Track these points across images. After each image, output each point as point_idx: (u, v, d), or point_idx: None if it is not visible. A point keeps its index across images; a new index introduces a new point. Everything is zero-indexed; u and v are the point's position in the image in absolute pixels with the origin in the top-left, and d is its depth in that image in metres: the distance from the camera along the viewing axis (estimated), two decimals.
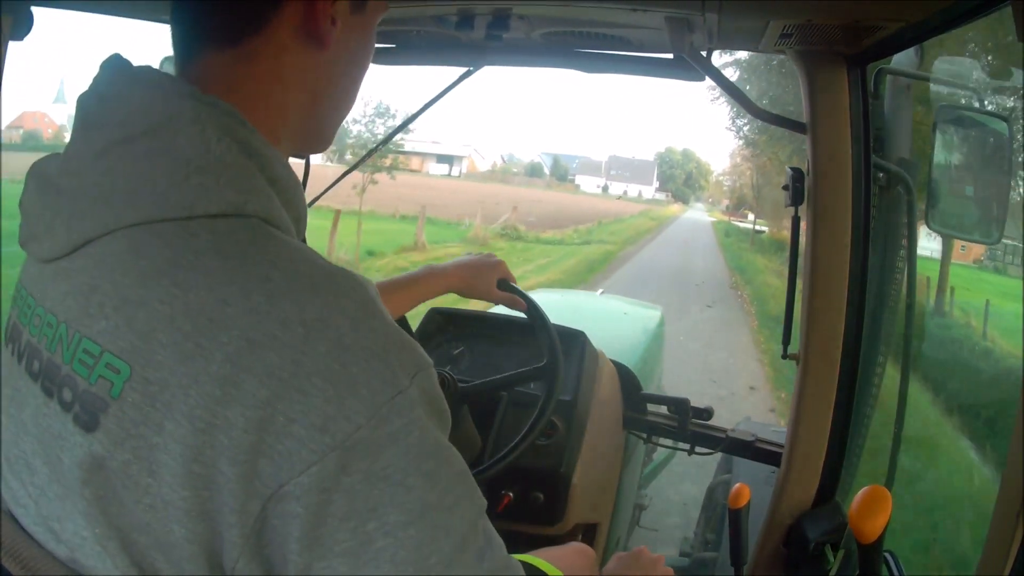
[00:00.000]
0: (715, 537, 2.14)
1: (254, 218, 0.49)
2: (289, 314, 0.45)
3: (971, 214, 1.25)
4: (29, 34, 1.03)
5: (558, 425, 1.43)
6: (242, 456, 0.43)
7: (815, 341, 1.20)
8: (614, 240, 23.04)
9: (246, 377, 0.43)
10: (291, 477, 0.43)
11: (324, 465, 0.43)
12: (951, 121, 1.21)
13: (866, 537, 0.85)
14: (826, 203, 1.16)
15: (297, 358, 0.44)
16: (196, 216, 0.48)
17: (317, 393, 0.43)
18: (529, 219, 24.79)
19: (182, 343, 0.44)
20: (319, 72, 0.57)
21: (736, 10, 0.96)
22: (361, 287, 0.49)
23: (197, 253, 0.47)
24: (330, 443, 0.43)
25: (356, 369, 0.44)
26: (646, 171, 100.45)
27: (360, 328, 0.46)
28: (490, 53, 1.34)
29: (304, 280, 0.47)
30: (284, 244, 0.49)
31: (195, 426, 0.43)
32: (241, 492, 0.43)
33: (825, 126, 1.14)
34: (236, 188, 0.49)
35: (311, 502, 0.43)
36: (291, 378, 0.43)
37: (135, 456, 0.45)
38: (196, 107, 0.50)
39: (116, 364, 0.45)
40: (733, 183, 68.25)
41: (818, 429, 1.22)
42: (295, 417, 0.43)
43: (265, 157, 0.52)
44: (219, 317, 0.44)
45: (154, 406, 0.44)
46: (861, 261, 1.17)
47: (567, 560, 0.95)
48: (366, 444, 0.43)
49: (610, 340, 1.93)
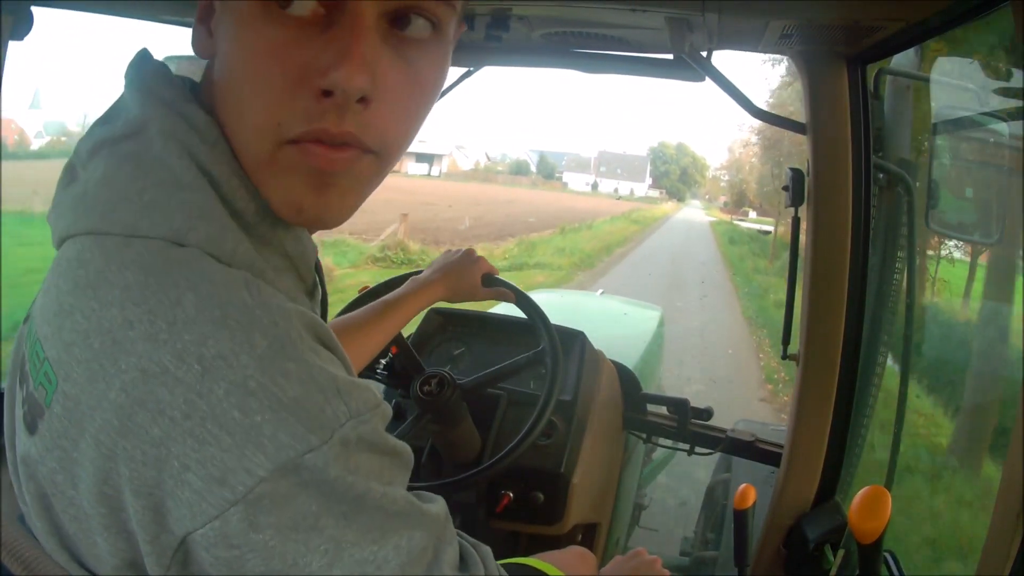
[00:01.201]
0: (715, 537, 2.14)
1: (193, 248, 0.44)
2: (188, 347, 0.40)
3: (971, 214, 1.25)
4: (29, 34, 1.03)
5: (558, 425, 1.43)
6: (145, 489, 0.40)
7: (815, 341, 1.20)
8: (565, 260, 15.23)
9: (139, 411, 0.40)
10: (195, 527, 0.40)
11: (226, 520, 0.39)
12: (951, 121, 1.21)
13: (866, 537, 0.85)
14: (826, 203, 1.16)
15: (191, 399, 0.39)
16: (137, 235, 0.44)
17: (213, 441, 0.39)
18: (461, 228, 19.25)
19: (91, 362, 0.42)
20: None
21: (736, 10, 0.96)
22: (284, 322, 0.42)
23: (122, 266, 0.43)
24: (230, 497, 0.39)
25: (260, 419, 0.39)
26: (638, 167, 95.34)
27: (270, 371, 0.40)
28: (490, 53, 1.34)
29: (214, 310, 0.41)
30: (212, 270, 0.44)
31: (100, 451, 0.41)
32: (151, 524, 0.41)
33: (825, 126, 1.14)
34: (186, 213, 0.45)
35: (221, 556, 0.40)
36: (184, 420, 0.39)
37: (60, 466, 0.44)
38: (166, 116, 0.48)
39: (49, 373, 0.44)
40: (732, 178, 65.14)
41: (818, 429, 1.22)
42: (189, 464, 0.39)
43: (230, 186, 0.48)
44: (122, 339, 0.41)
45: (71, 421, 0.43)
46: (861, 261, 1.17)
47: (568, 564, 0.94)
48: (271, 497, 0.39)
49: (610, 340, 1.93)
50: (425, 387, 1.27)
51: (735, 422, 2.03)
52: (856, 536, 0.86)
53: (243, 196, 0.48)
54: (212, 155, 0.47)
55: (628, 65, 1.28)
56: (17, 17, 1.01)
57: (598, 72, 1.33)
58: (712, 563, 2.01)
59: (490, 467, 1.25)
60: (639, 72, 1.28)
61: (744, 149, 61.05)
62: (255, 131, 0.47)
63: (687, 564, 2.20)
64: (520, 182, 75.13)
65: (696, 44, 1.10)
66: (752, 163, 64.82)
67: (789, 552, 1.26)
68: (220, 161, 0.48)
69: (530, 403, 1.32)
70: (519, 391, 1.49)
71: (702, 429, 1.60)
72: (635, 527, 2.29)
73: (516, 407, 1.45)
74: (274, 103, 0.46)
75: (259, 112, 0.46)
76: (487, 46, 1.28)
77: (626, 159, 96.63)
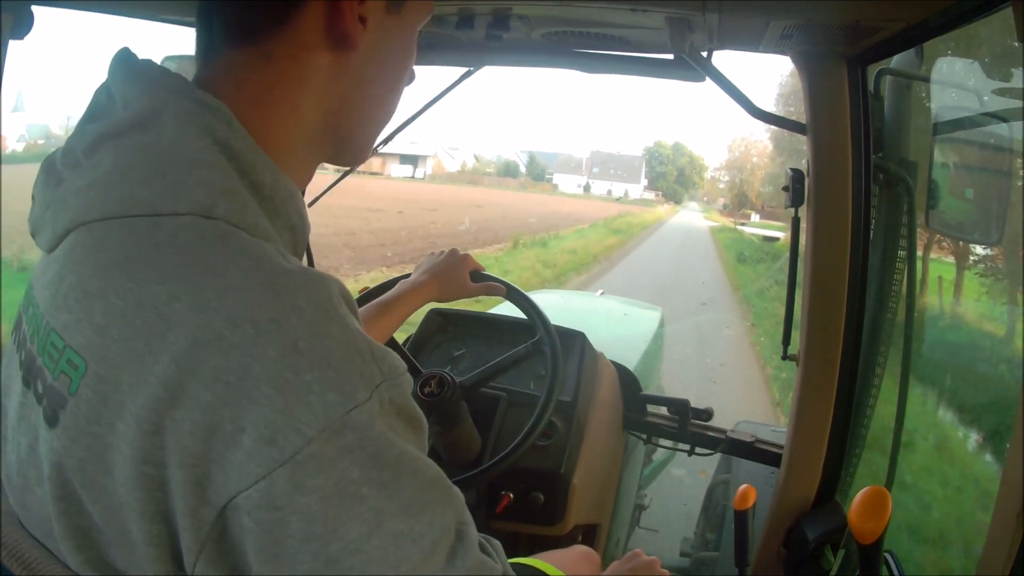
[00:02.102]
0: (715, 537, 2.14)
1: (221, 221, 0.46)
2: (240, 313, 0.42)
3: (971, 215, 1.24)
4: (29, 33, 1.03)
5: (558, 426, 1.43)
6: (190, 460, 0.41)
7: (815, 341, 1.20)
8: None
9: (191, 379, 0.41)
10: (240, 490, 0.40)
11: (273, 481, 0.40)
12: (951, 122, 1.21)
13: (866, 537, 0.85)
14: (826, 203, 1.16)
15: (246, 361, 0.41)
16: (162, 214, 0.46)
17: (266, 402, 0.40)
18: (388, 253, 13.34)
19: (132, 340, 0.42)
20: (348, 75, 0.54)
21: (736, 10, 0.96)
22: (324, 287, 0.45)
23: (156, 246, 0.45)
24: (278, 457, 0.40)
25: (309, 377, 0.41)
26: (633, 168, 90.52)
27: (317, 333, 0.43)
28: (490, 53, 1.34)
29: (260, 277, 0.44)
30: (248, 242, 0.46)
31: (143, 428, 0.41)
32: (192, 497, 0.41)
33: (825, 126, 1.14)
34: (207, 189, 0.47)
35: (263, 518, 0.40)
36: (238, 382, 0.41)
37: (91, 454, 0.44)
38: (180, 102, 0.49)
39: (75, 360, 0.44)
40: (732, 178, 63.13)
41: (818, 429, 1.22)
42: (243, 425, 0.40)
43: (248, 161, 0.49)
44: (168, 313, 0.42)
45: (106, 405, 0.43)
46: (861, 261, 1.17)
47: (572, 564, 0.94)
48: (318, 459, 0.40)
49: (610, 341, 1.93)
50: (425, 388, 1.27)
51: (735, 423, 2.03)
52: (856, 536, 0.86)
53: (261, 169, 0.50)
54: (230, 132, 0.49)
55: (628, 65, 1.28)
56: (17, 16, 1.01)
57: (598, 72, 1.33)
58: (712, 563, 2.01)
59: (490, 468, 1.25)
60: (639, 72, 1.28)
61: (744, 148, 58.86)
62: (381, 124, 0.59)
63: (687, 565, 2.20)
64: (508, 184, 73.29)
65: (696, 44, 1.10)
66: (754, 162, 62.66)
67: (789, 552, 1.26)
68: (237, 137, 0.49)
69: (530, 404, 1.32)
70: (519, 391, 1.49)
71: (702, 430, 1.60)
72: (635, 528, 2.29)
73: (516, 408, 1.45)
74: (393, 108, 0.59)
75: (391, 112, 0.59)
76: (487, 46, 1.28)
77: (620, 159, 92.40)
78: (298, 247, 0.54)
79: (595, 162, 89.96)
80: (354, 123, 0.57)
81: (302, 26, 0.51)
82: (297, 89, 0.53)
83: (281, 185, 0.51)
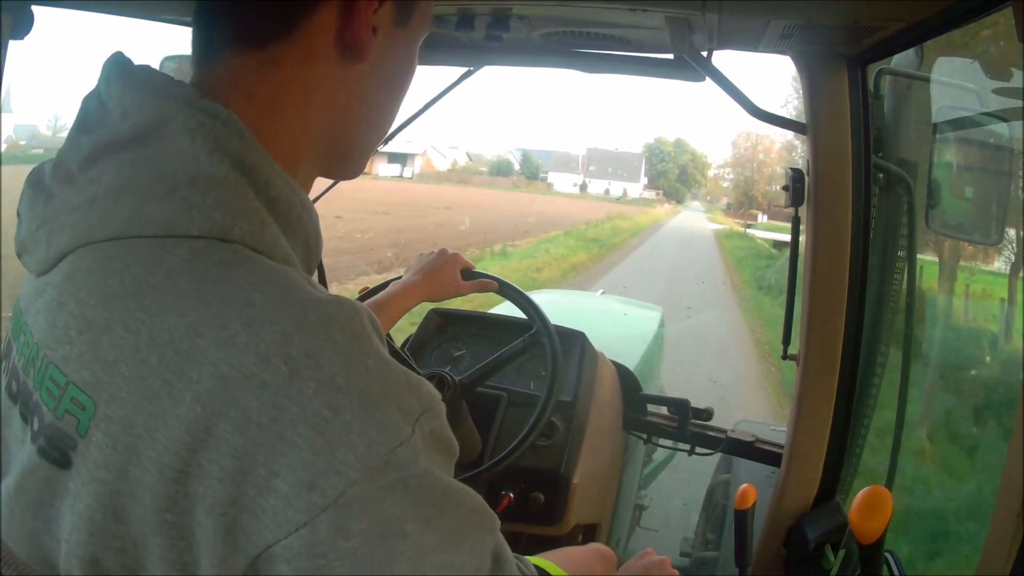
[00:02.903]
0: (715, 537, 2.14)
1: (237, 244, 0.43)
2: (271, 348, 0.39)
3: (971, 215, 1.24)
4: (29, 33, 1.03)
5: (558, 425, 1.43)
6: (219, 508, 0.38)
7: (815, 341, 1.20)
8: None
9: (219, 421, 0.38)
10: (278, 539, 0.38)
11: (315, 527, 0.38)
12: (951, 122, 1.21)
13: (866, 537, 0.84)
14: (826, 203, 1.16)
15: (280, 401, 0.38)
16: (175, 235, 0.42)
17: (303, 444, 0.38)
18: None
19: (148, 378, 0.39)
20: (354, 86, 0.52)
21: (736, 10, 0.96)
22: (357, 316, 0.42)
23: (170, 274, 0.41)
24: (320, 503, 0.37)
25: (350, 416, 0.39)
26: (632, 166, 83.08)
27: (355, 367, 0.40)
28: (490, 53, 1.34)
29: (289, 307, 0.40)
30: (270, 268, 0.43)
31: (165, 474, 0.38)
32: (221, 546, 0.39)
33: (825, 126, 1.14)
34: (224, 209, 0.43)
35: (304, 566, 0.38)
36: (272, 424, 0.38)
37: (97, 502, 0.40)
38: (188, 113, 0.45)
39: (81, 399, 0.41)
40: (737, 176, 60.20)
41: (818, 429, 1.22)
42: (278, 470, 0.38)
43: (262, 175, 0.46)
44: (189, 350, 0.39)
45: (115, 448, 0.40)
46: (861, 261, 1.17)
47: (584, 563, 0.92)
48: (362, 501, 0.38)
49: (610, 341, 1.93)
50: None
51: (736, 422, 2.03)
52: (857, 536, 0.86)
53: (276, 183, 0.47)
54: (243, 145, 0.46)
55: (628, 65, 1.28)
56: (17, 16, 1.01)
57: (598, 72, 1.33)
58: (713, 563, 2.01)
59: (490, 467, 1.25)
60: (639, 72, 1.28)
61: (751, 143, 55.91)
62: (380, 136, 0.58)
63: (688, 564, 2.20)
64: (499, 184, 66.87)
65: (696, 44, 1.10)
66: (760, 159, 60.79)
67: (789, 552, 1.26)
68: (252, 150, 0.46)
69: (530, 404, 1.32)
70: (519, 391, 1.49)
71: (702, 429, 1.60)
72: (635, 527, 2.29)
73: (516, 408, 1.45)
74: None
75: (390, 123, 0.58)
76: (487, 46, 1.28)
77: (618, 157, 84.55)
78: (311, 264, 0.52)
79: (592, 160, 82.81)
80: (356, 136, 0.55)
81: (313, 32, 0.49)
82: (305, 99, 0.50)
83: (297, 199, 0.49)
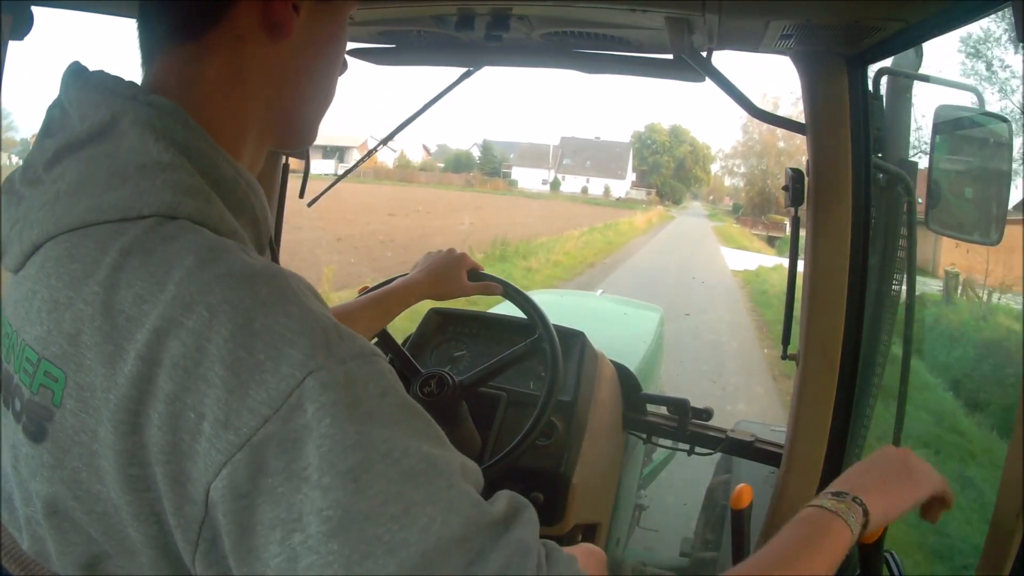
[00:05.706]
0: (715, 537, 2.14)
1: (184, 220, 0.47)
2: (194, 296, 0.41)
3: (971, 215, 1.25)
4: (29, 33, 1.03)
5: (558, 425, 1.43)
6: (163, 456, 0.40)
7: (815, 341, 1.20)
8: None
9: (155, 371, 0.40)
10: (209, 481, 0.39)
11: (235, 467, 0.38)
12: (950, 121, 1.21)
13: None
14: (826, 203, 1.16)
15: (201, 344, 0.40)
16: (129, 218, 0.46)
17: (220, 384, 0.39)
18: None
19: (104, 344, 0.42)
20: (286, 63, 0.56)
21: (736, 10, 0.96)
22: (285, 277, 0.44)
23: (123, 251, 0.45)
24: (235, 441, 0.38)
25: (263, 356, 0.40)
26: (617, 158, 67.81)
27: (274, 312, 0.41)
28: (490, 53, 1.34)
29: (219, 265, 0.43)
30: (210, 238, 0.46)
31: (119, 430, 0.41)
32: (174, 495, 0.40)
33: (825, 126, 1.14)
34: (172, 189, 0.47)
35: (231, 509, 0.38)
36: (196, 368, 0.40)
37: (83, 463, 0.43)
38: (137, 108, 0.50)
39: (53, 371, 0.44)
40: (751, 169, 45.83)
41: (818, 429, 1.22)
42: (204, 412, 0.39)
43: (208, 158, 0.50)
44: (136, 315, 0.42)
45: (88, 411, 0.43)
46: (861, 261, 1.17)
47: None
48: (279, 439, 0.38)
49: (610, 341, 1.93)
50: (425, 388, 1.26)
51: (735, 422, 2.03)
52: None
53: (221, 165, 0.51)
54: (188, 133, 0.50)
55: (628, 65, 1.28)
56: (17, 16, 1.01)
57: (598, 72, 1.33)
58: (712, 563, 2.01)
59: (490, 467, 1.25)
60: (639, 72, 1.28)
61: (767, 127, 41.21)
62: (321, 108, 0.61)
63: (687, 564, 2.20)
64: (451, 182, 57.45)
65: (696, 44, 1.10)
66: (780, 147, 46.75)
67: None
68: (197, 136, 0.51)
69: (530, 403, 1.32)
70: (519, 391, 1.49)
71: (702, 429, 1.60)
72: (635, 527, 2.29)
73: (516, 407, 1.45)
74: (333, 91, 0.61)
75: (329, 95, 0.61)
76: (487, 46, 1.28)
77: (600, 147, 68.69)
78: (261, 241, 0.55)
79: (566, 151, 67.70)
80: (295, 110, 0.59)
81: (239, 17, 0.53)
82: (240, 80, 0.54)
83: (243, 179, 0.53)
